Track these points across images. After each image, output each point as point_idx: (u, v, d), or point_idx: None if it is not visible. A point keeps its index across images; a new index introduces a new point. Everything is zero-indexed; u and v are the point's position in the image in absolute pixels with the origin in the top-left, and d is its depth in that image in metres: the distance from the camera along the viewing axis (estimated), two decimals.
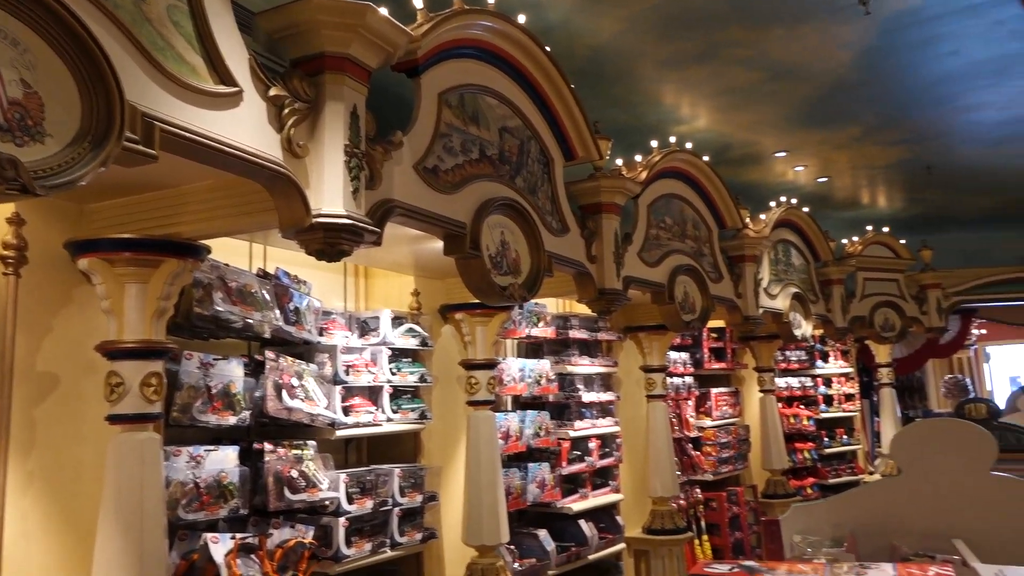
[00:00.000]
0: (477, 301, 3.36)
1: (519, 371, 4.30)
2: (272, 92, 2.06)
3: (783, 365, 7.36)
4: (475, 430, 3.60)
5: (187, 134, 1.76)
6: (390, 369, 3.50)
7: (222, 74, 1.90)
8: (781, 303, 5.98)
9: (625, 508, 5.09)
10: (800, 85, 4.57)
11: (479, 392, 3.64)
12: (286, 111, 2.08)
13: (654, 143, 4.55)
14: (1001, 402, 9.75)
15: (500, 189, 3.07)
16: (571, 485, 4.66)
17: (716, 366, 6.52)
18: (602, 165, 3.98)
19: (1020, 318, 8.86)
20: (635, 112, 4.81)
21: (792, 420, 7.32)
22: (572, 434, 4.61)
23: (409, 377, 3.59)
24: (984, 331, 11.63)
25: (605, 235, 3.93)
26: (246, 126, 1.96)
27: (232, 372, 2.72)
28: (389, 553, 3.29)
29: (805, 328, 6.23)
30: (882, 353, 7.70)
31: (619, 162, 4.29)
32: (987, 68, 4.42)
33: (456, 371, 3.81)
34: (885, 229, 7.39)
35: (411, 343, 3.63)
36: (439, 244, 2.90)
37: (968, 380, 9.95)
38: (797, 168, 6.14)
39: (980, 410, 4.17)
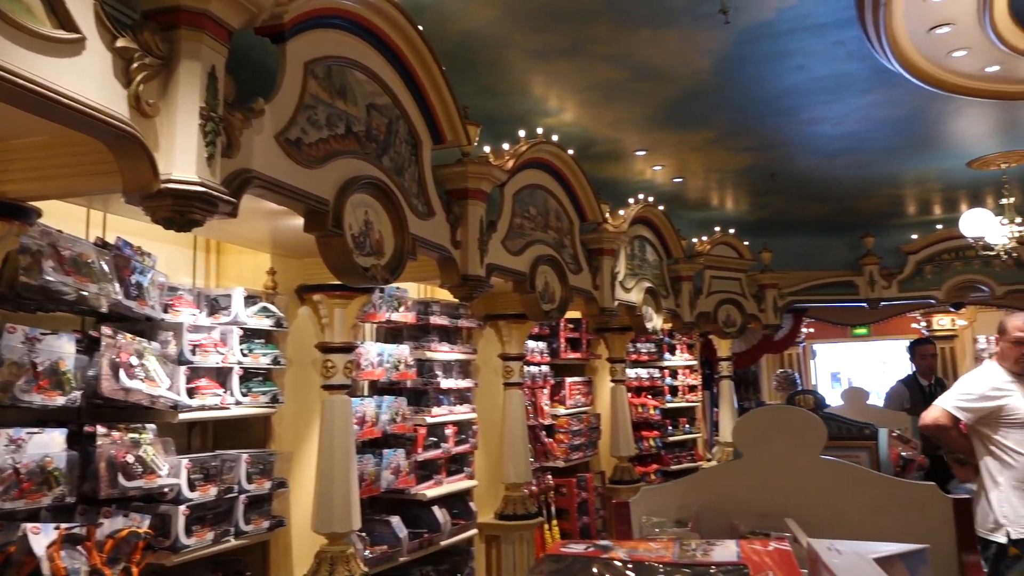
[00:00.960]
0: (337, 282, 3.26)
1: (377, 356, 4.22)
2: (119, 43, 1.89)
3: (634, 356, 7.65)
4: (329, 415, 3.49)
5: (15, 79, 1.58)
6: (241, 350, 3.33)
7: (61, 17, 1.73)
8: (635, 297, 6.22)
9: (479, 494, 5.12)
10: (661, 87, 4.74)
11: (335, 376, 3.53)
12: (135, 65, 1.92)
13: (522, 133, 4.59)
14: (827, 396, 10.58)
15: (366, 167, 2.99)
16: (426, 471, 4.63)
17: (572, 356, 6.69)
18: (470, 151, 3.96)
19: (843, 318, 9.66)
20: (504, 101, 4.83)
21: (640, 409, 7.63)
22: (429, 420, 4.58)
23: (261, 359, 3.44)
24: (812, 330, 12.63)
25: (470, 221, 3.92)
26: (88, 78, 1.79)
27: (62, 348, 2.49)
28: (233, 542, 3.14)
29: (656, 322, 6.51)
30: (723, 347, 8.18)
31: (487, 149, 4.30)
32: (827, 85, 4.77)
33: (312, 354, 3.68)
34: (731, 231, 7.84)
35: (265, 323, 3.47)
36: (299, 221, 2.79)
37: (797, 374, 10.74)
38: (655, 167, 6.38)
39: (808, 401, 4.50)
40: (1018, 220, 6.45)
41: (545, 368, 6.24)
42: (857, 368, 15.19)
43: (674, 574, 1.06)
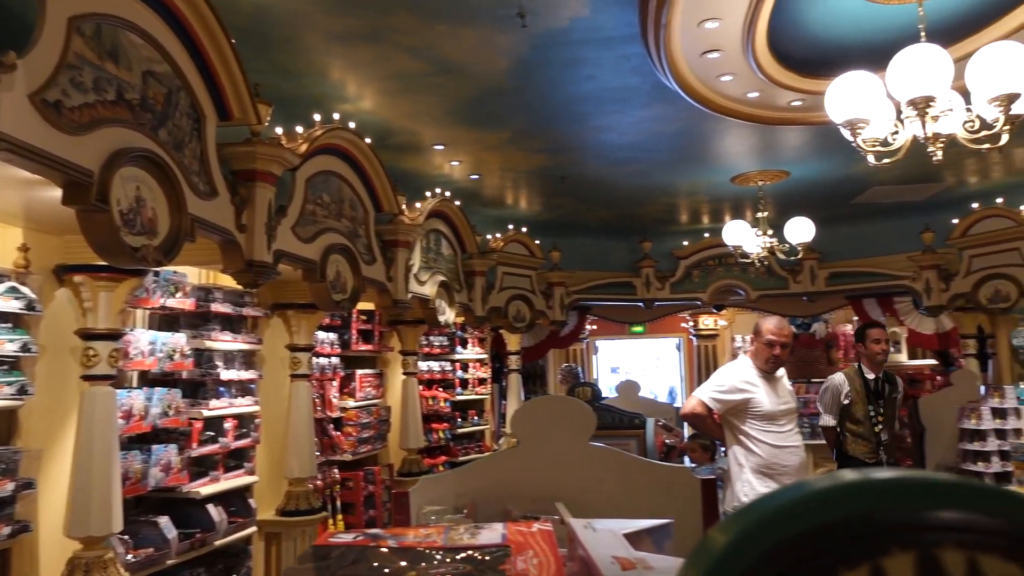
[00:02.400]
0: (103, 263, 2.98)
1: (149, 344, 3.91)
2: None
3: (426, 349, 7.70)
4: (89, 408, 3.19)
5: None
6: None
7: None
8: (429, 290, 6.25)
9: (259, 490, 4.92)
10: (461, 83, 4.80)
11: (98, 366, 3.23)
12: None
13: (317, 117, 4.46)
14: (606, 388, 11.27)
15: (139, 138, 2.76)
16: (201, 468, 4.37)
17: (364, 348, 6.60)
18: (260, 131, 3.78)
19: (622, 316, 10.32)
20: (299, 82, 4.66)
21: (431, 402, 7.69)
22: (206, 414, 4.33)
23: (8, 346, 3.08)
24: (595, 327, 13.37)
25: (258, 205, 3.74)
26: None
27: None
28: None
29: (449, 315, 6.59)
30: (513, 342, 8.46)
31: (279, 131, 4.12)
32: (614, 96, 5.07)
33: (71, 341, 3.34)
34: (524, 229, 8.13)
35: (13, 306, 3.11)
36: (58, 192, 2.52)
37: (579, 369, 11.35)
38: (453, 163, 6.46)
39: (586, 393, 4.79)
40: (770, 232, 7.23)
41: (335, 360, 6.11)
42: (634, 363, 16.29)
43: (440, 557, 1.08)
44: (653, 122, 5.61)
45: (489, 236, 7.84)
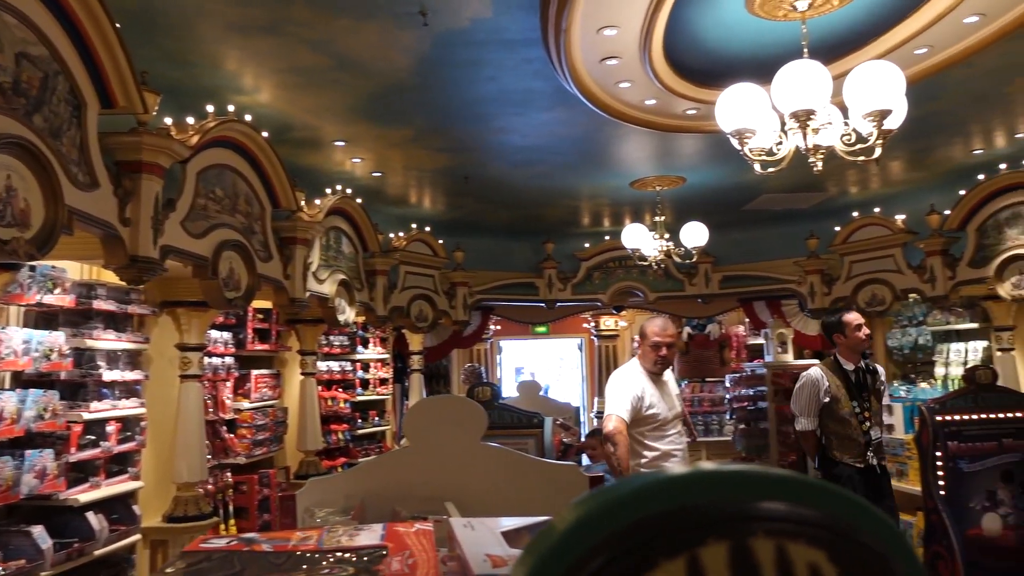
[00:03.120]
0: None
1: (23, 343, 3.69)
2: None
3: (326, 349, 7.56)
4: None
5: None
6: None
7: None
8: (328, 288, 6.14)
9: (145, 496, 4.71)
10: (362, 79, 4.73)
11: None
12: None
13: (210, 108, 4.31)
14: (509, 388, 11.33)
15: (10, 124, 2.60)
16: (81, 474, 4.15)
17: (260, 347, 6.42)
18: (147, 120, 3.63)
19: (526, 317, 10.42)
20: (191, 72, 4.48)
21: (330, 403, 7.56)
22: (87, 416, 4.11)
23: None
24: (499, 327, 13.45)
25: (144, 198, 3.59)
26: None
27: None
28: None
29: (349, 314, 6.49)
30: (415, 342, 8.41)
31: (169, 121, 3.97)
32: (516, 98, 5.11)
33: None
34: (427, 228, 8.09)
35: None
36: None
37: (483, 369, 11.39)
38: (355, 160, 6.36)
39: (486, 392, 4.78)
40: (667, 236, 7.46)
41: (229, 360, 5.92)
42: (538, 363, 16.47)
43: (315, 559, 1.06)
44: (555, 125, 5.69)
45: (392, 235, 7.76)
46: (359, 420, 8.04)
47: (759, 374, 10.36)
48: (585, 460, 5.76)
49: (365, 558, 1.07)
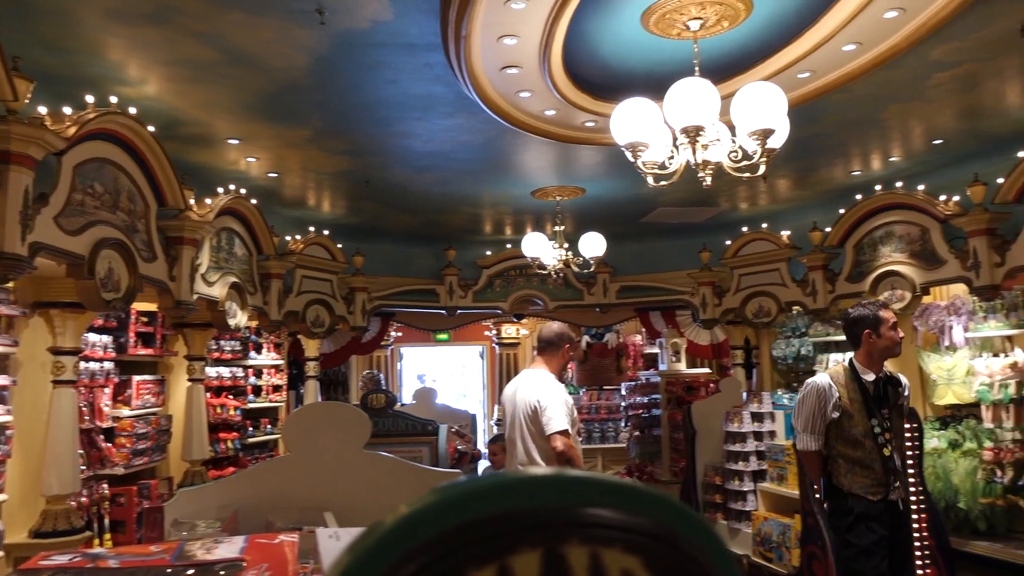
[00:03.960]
0: None
1: None
2: None
3: (216, 355, 7.28)
4: None
5: None
6: None
7: None
8: (218, 291, 5.92)
9: (9, 510, 4.40)
10: (257, 76, 4.59)
11: None
12: None
13: (90, 98, 4.08)
14: (408, 395, 11.21)
15: None
16: None
17: (143, 352, 6.11)
18: (19, 108, 3.41)
19: (428, 324, 10.35)
20: (70, 59, 4.23)
21: (219, 410, 7.28)
22: None
23: None
24: (400, 333, 13.32)
25: (11, 190, 3.37)
26: None
27: None
28: None
29: (240, 318, 6.28)
30: (311, 347, 8.20)
31: (43, 110, 3.73)
32: (417, 103, 5.07)
33: None
34: (326, 232, 7.92)
35: None
36: None
37: (382, 376, 11.24)
38: (249, 159, 6.16)
39: (380, 400, 4.72)
40: (566, 246, 7.56)
41: (108, 365, 5.61)
42: (439, 370, 16.41)
43: (167, 575, 1.00)
44: (457, 132, 5.67)
45: (288, 238, 7.56)
46: (250, 428, 7.78)
47: (653, 382, 10.64)
48: (480, 468, 5.76)
49: (221, 572, 1.02)
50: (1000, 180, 5.48)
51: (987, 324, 6.36)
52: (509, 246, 9.17)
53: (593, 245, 7.22)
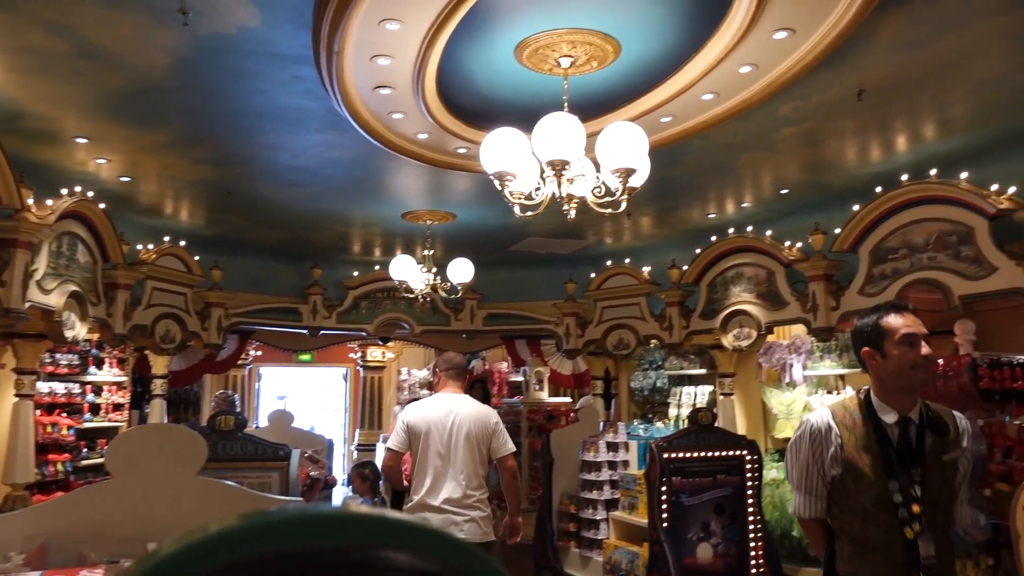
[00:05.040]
0: None
1: None
2: None
3: (50, 368, 6.73)
4: None
5: None
6: None
7: None
8: (55, 300, 5.48)
9: None
10: (111, 73, 4.31)
11: None
12: None
13: None
14: (265, 418, 10.75)
15: None
16: None
17: None
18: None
19: (289, 344, 10.01)
20: None
21: (50, 429, 6.72)
22: None
23: None
24: (260, 352, 12.80)
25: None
26: None
27: None
28: None
29: (79, 330, 5.84)
30: (159, 364, 7.73)
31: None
32: (287, 115, 4.92)
33: None
34: (183, 243, 7.52)
35: None
36: None
37: (237, 396, 10.73)
38: (99, 160, 5.76)
39: (229, 422, 4.48)
40: (435, 270, 7.53)
41: None
42: (301, 392, 15.89)
43: None
44: (327, 148, 5.55)
45: (140, 247, 7.12)
46: (84, 449, 7.21)
47: (517, 410, 10.73)
48: (336, 495, 5.58)
49: None
50: (837, 230, 5.93)
51: (823, 363, 6.85)
52: (378, 268, 9.04)
53: (462, 271, 7.23)
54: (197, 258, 7.66)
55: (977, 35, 3.87)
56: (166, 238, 7.38)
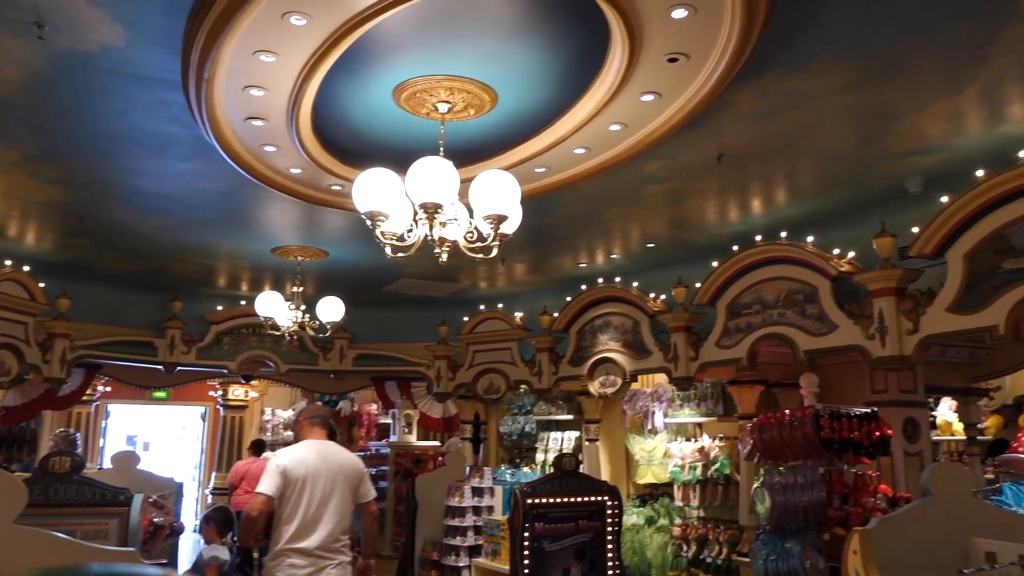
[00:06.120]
0: None
1: None
2: None
3: None
4: None
5: None
6: None
7: None
8: None
9: None
10: None
11: None
12: None
13: None
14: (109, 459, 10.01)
15: None
16: None
17: None
18: None
19: (141, 379, 9.40)
20: None
21: None
22: None
23: None
24: (109, 388, 11.95)
25: None
26: None
27: None
28: None
29: None
30: None
31: None
32: (149, 140, 4.69)
33: None
34: (26, 268, 6.96)
35: None
36: None
37: (79, 435, 9.95)
38: None
39: (64, 463, 4.14)
40: (304, 308, 7.33)
41: None
42: (155, 432, 14.95)
43: None
44: (192, 176, 5.33)
45: None
46: None
47: (383, 453, 10.49)
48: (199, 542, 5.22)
49: None
50: (698, 284, 6.23)
51: (683, 411, 7.12)
52: (244, 303, 8.70)
53: (332, 310, 7.07)
54: (43, 285, 7.10)
55: (823, 111, 4.22)
56: (8, 261, 6.81)
